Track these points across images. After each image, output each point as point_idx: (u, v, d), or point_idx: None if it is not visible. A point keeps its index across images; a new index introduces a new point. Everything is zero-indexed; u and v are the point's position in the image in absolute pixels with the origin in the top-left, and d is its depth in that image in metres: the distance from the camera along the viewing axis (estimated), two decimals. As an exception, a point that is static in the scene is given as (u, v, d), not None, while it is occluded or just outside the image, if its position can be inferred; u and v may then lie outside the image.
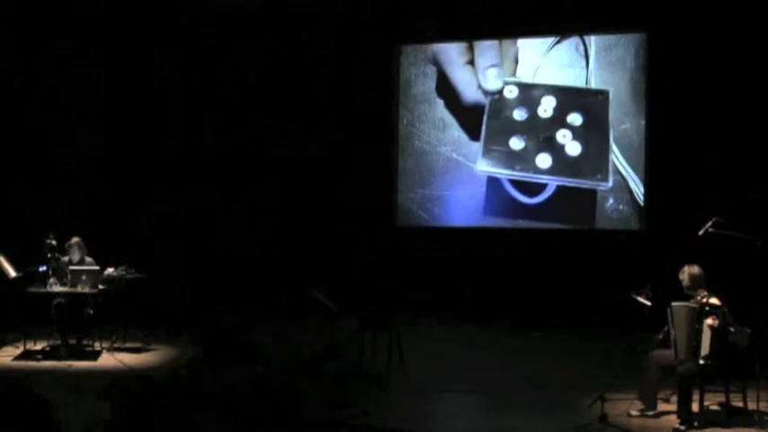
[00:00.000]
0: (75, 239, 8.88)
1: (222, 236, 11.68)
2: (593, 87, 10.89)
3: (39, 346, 8.81)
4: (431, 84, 11.71)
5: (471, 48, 11.45)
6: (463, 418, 6.77)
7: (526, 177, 11.09)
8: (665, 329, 6.53)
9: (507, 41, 11.30)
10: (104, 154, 11.66)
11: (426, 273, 11.02)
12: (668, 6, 10.28)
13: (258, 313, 9.88)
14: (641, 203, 10.62)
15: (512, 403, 7.03)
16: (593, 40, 10.93)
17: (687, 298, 6.51)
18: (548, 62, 11.12)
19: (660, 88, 10.43)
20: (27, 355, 8.54)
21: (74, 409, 4.32)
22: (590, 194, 10.81)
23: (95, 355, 8.61)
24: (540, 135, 11.05)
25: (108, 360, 8.46)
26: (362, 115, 11.61)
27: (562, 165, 10.93)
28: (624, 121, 10.75)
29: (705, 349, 6.20)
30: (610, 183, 10.72)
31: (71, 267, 8.67)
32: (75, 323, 8.70)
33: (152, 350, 8.98)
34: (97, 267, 8.80)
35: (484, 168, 11.31)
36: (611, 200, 10.75)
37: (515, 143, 11.17)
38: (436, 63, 11.67)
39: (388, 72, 11.80)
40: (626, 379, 6.74)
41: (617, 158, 10.71)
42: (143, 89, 11.91)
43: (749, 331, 6.38)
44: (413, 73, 11.82)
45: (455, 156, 11.51)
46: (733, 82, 9.87)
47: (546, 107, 11.06)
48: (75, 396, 5.39)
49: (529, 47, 11.24)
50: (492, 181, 11.28)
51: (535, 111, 11.10)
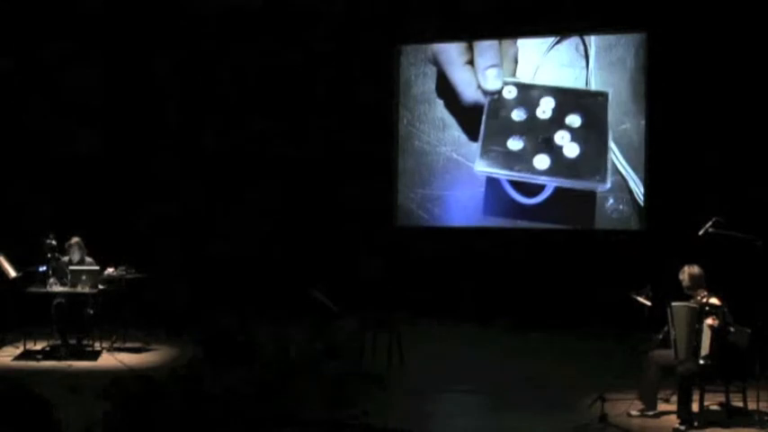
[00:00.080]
0: (75, 239, 8.88)
1: (222, 236, 11.68)
2: (592, 89, 10.89)
3: (39, 346, 8.82)
4: (431, 84, 11.70)
5: (471, 48, 11.45)
6: (463, 418, 6.78)
7: (524, 178, 11.08)
8: (665, 329, 6.53)
9: (507, 41, 11.30)
10: (104, 154, 11.66)
11: (426, 273, 11.01)
12: (668, 6, 10.28)
13: (258, 313, 9.87)
14: (641, 203, 10.61)
15: (512, 403, 7.03)
16: (593, 41, 10.92)
17: (687, 298, 6.51)
18: (548, 62, 11.11)
19: (660, 88, 10.43)
20: (27, 355, 8.54)
21: (74, 409, 4.32)
22: (589, 195, 10.81)
23: (95, 355, 8.61)
24: (539, 136, 11.05)
25: (108, 360, 8.47)
26: (362, 115, 11.60)
27: (560, 166, 10.92)
28: (624, 122, 10.74)
29: (705, 349, 6.21)
30: (608, 184, 10.71)
31: (71, 267, 8.67)
32: (75, 323, 8.70)
33: (152, 350, 8.99)
34: (97, 267, 8.80)
35: (482, 168, 11.31)
36: (610, 200, 10.74)
37: (513, 144, 11.16)
38: (436, 63, 11.67)
39: (388, 72, 11.80)
40: (626, 379, 6.74)
41: (617, 158, 10.71)
42: (143, 89, 11.91)
43: (749, 331, 6.38)
44: (413, 73, 11.82)
45: (455, 156, 11.51)
46: (733, 82, 9.87)
47: (545, 108, 11.05)
48: (75, 396, 5.38)
49: (529, 47, 11.24)
50: (491, 181, 11.27)
51: (534, 112, 11.09)
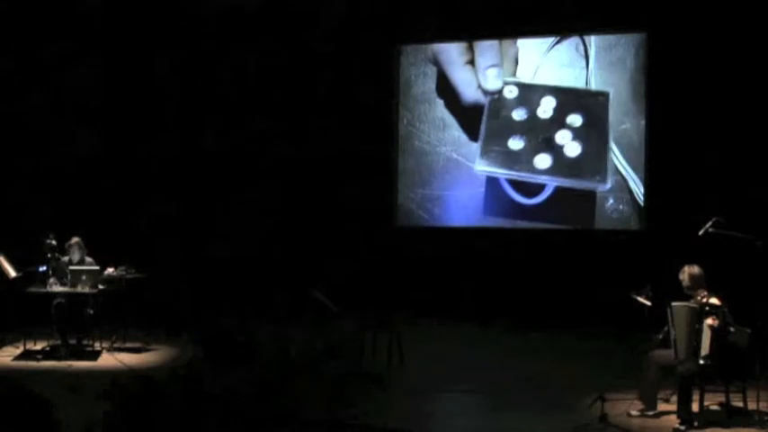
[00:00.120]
0: (75, 239, 8.88)
1: (222, 236, 11.68)
2: (593, 88, 10.89)
3: (39, 346, 8.82)
4: (431, 84, 11.70)
5: (471, 48, 11.44)
6: (463, 418, 6.78)
7: (524, 178, 11.08)
8: (665, 329, 6.53)
9: (507, 41, 11.30)
10: (104, 154, 11.66)
11: (426, 273, 11.01)
12: (668, 6, 10.28)
13: (258, 313, 9.87)
14: (641, 203, 10.61)
15: (512, 403, 7.03)
16: (593, 41, 10.92)
17: (687, 298, 6.51)
18: (548, 62, 11.11)
19: (660, 88, 10.43)
20: (27, 355, 8.54)
21: (74, 409, 4.31)
22: (589, 195, 10.80)
23: (95, 355, 8.61)
24: (540, 136, 11.05)
25: (108, 360, 8.47)
26: (362, 115, 11.60)
27: (561, 165, 10.92)
28: (624, 122, 10.74)
29: (705, 349, 6.21)
30: (608, 184, 10.71)
31: (71, 267, 8.67)
32: (75, 323, 8.70)
33: (152, 350, 8.99)
34: (97, 267, 8.80)
35: (482, 168, 11.31)
36: (610, 200, 10.74)
37: (514, 143, 11.16)
38: (436, 63, 11.67)
39: (388, 72, 11.79)
40: (626, 379, 6.73)
41: (617, 158, 10.71)
42: (143, 89, 11.91)
43: (749, 331, 6.38)
44: (413, 73, 11.82)
45: (455, 156, 11.51)
46: (733, 82, 9.87)
47: (545, 108, 11.05)
48: (75, 396, 5.38)
49: (529, 47, 11.24)
50: (491, 181, 11.27)
51: (534, 111, 11.09)
